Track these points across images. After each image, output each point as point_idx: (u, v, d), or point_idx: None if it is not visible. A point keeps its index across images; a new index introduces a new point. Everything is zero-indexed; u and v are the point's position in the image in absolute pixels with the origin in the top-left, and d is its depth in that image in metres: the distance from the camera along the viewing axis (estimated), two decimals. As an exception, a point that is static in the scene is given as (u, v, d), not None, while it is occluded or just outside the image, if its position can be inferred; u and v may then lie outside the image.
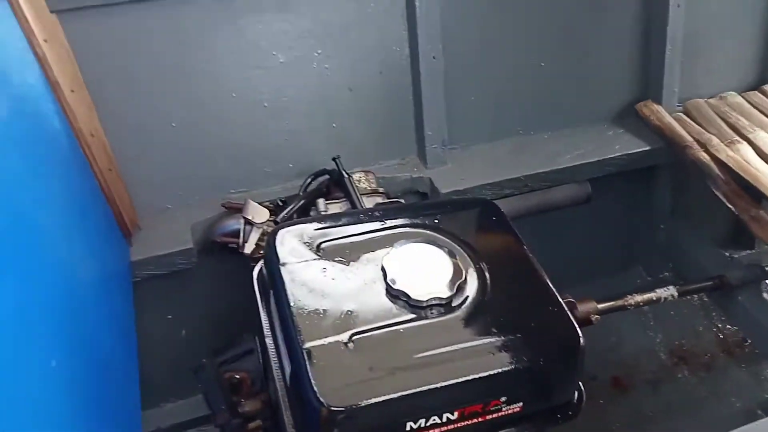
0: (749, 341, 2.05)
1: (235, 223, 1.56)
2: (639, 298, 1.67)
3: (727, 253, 2.15)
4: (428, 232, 1.11)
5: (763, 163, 1.75)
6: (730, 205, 1.68)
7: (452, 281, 1.00)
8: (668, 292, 1.69)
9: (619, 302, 1.66)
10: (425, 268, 1.02)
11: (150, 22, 1.49)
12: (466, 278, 1.02)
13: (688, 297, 2.16)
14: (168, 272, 1.59)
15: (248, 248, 1.50)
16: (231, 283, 1.69)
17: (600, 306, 1.62)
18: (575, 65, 1.86)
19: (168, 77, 1.57)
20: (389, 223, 1.14)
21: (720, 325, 2.15)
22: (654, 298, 1.68)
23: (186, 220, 1.65)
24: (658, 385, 2.00)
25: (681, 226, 2.07)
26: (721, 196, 1.70)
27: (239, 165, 1.70)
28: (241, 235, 1.53)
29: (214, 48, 1.57)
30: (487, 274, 1.04)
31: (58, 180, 1.22)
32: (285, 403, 1.01)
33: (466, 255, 1.07)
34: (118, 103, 1.55)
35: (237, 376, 1.27)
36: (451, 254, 1.05)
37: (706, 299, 2.18)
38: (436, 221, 1.14)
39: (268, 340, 1.09)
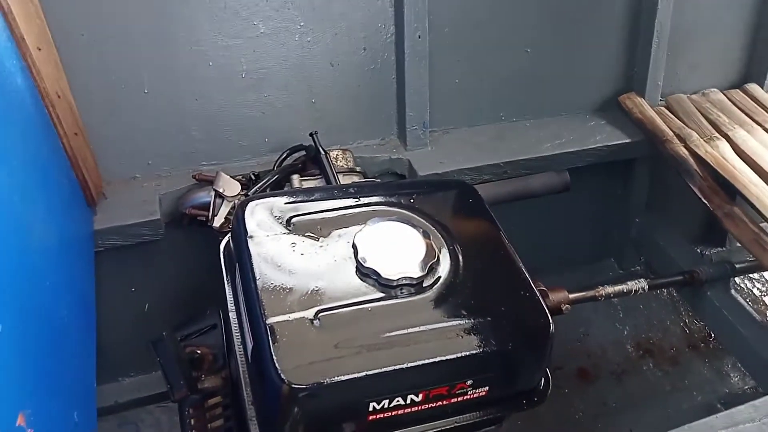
0: (714, 337, 2.08)
1: (205, 196, 1.52)
2: (610, 289, 1.68)
3: (698, 249, 2.17)
4: (403, 211, 1.08)
5: (740, 160, 1.76)
6: (705, 201, 1.68)
7: (424, 261, 0.98)
8: (639, 284, 1.70)
9: (591, 293, 1.66)
10: (398, 247, 1.00)
11: (126, -19, 1.43)
12: (438, 259, 0.99)
13: (658, 291, 2.18)
14: (133, 243, 1.54)
15: (217, 222, 1.46)
16: (198, 257, 1.65)
17: (571, 296, 1.62)
18: (561, 53, 1.84)
19: (142, 41, 1.51)
20: (363, 200, 1.10)
21: (687, 321, 2.18)
22: (625, 290, 1.69)
23: (154, 190, 1.60)
24: (623, 377, 2.02)
25: (655, 220, 2.08)
26: (697, 192, 1.71)
27: (212, 136, 1.65)
28: (211, 208, 1.48)
29: (193, 14, 1.51)
30: (460, 257, 1.02)
31: (20, 140, 1.16)
32: (245, 380, 0.97)
33: (440, 236, 1.05)
34: (88, 64, 1.49)
35: (198, 352, 1.23)
36: (425, 234, 1.02)
37: (675, 294, 2.20)
38: (412, 201, 1.11)
39: (232, 315, 1.05)
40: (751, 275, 2.28)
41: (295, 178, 1.51)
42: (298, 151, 1.58)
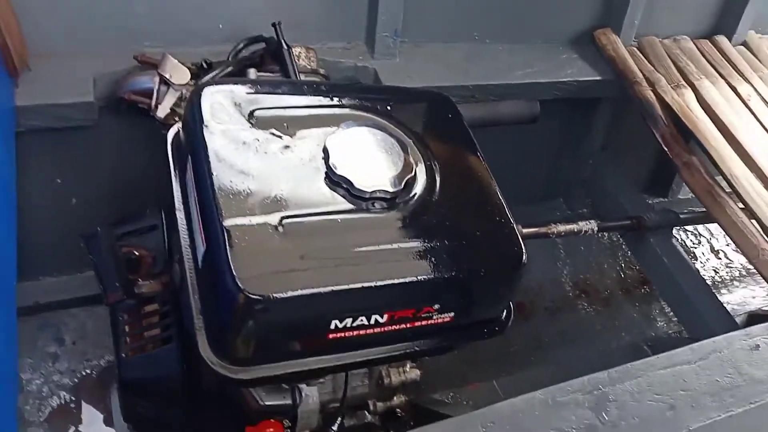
0: (646, 285, 2.16)
1: (148, 81, 1.34)
2: (561, 228, 1.67)
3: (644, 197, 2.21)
4: (379, 118, 0.99)
5: (702, 111, 1.76)
6: (665, 148, 1.68)
7: (400, 176, 0.90)
8: (589, 225, 1.70)
9: (543, 229, 1.66)
10: (372, 156, 0.91)
11: None
12: (415, 174, 0.92)
13: (600, 234, 2.22)
14: (60, 127, 1.36)
15: (161, 112, 1.30)
16: (135, 150, 1.50)
17: (524, 230, 1.60)
18: (545, -23, 1.74)
19: None
20: (336, 101, 1.00)
21: (623, 265, 2.25)
22: (575, 230, 1.69)
23: (87, 69, 1.39)
24: (558, 314, 2.07)
25: (607, 163, 2.08)
26: (658, 138, 1.70)
27: (160, 15, 1.45)
28: (155, 95, 1.31)
29: None
30: (437, 174, 0.95)
31: None
32: (193, 287, 0.88)
33: (417, 149, 0.97)
34: None
35: (135, 253, 1.11)
36: (403, 146, 0.93)
37: (615, 239, 2.25)
38: (389, 108, 1.01)
39: (179, 215, 0.94)
40: (686, 228, 2.37)
41: (252, 72, 1.37)
42: (257, 42, 1.42)
